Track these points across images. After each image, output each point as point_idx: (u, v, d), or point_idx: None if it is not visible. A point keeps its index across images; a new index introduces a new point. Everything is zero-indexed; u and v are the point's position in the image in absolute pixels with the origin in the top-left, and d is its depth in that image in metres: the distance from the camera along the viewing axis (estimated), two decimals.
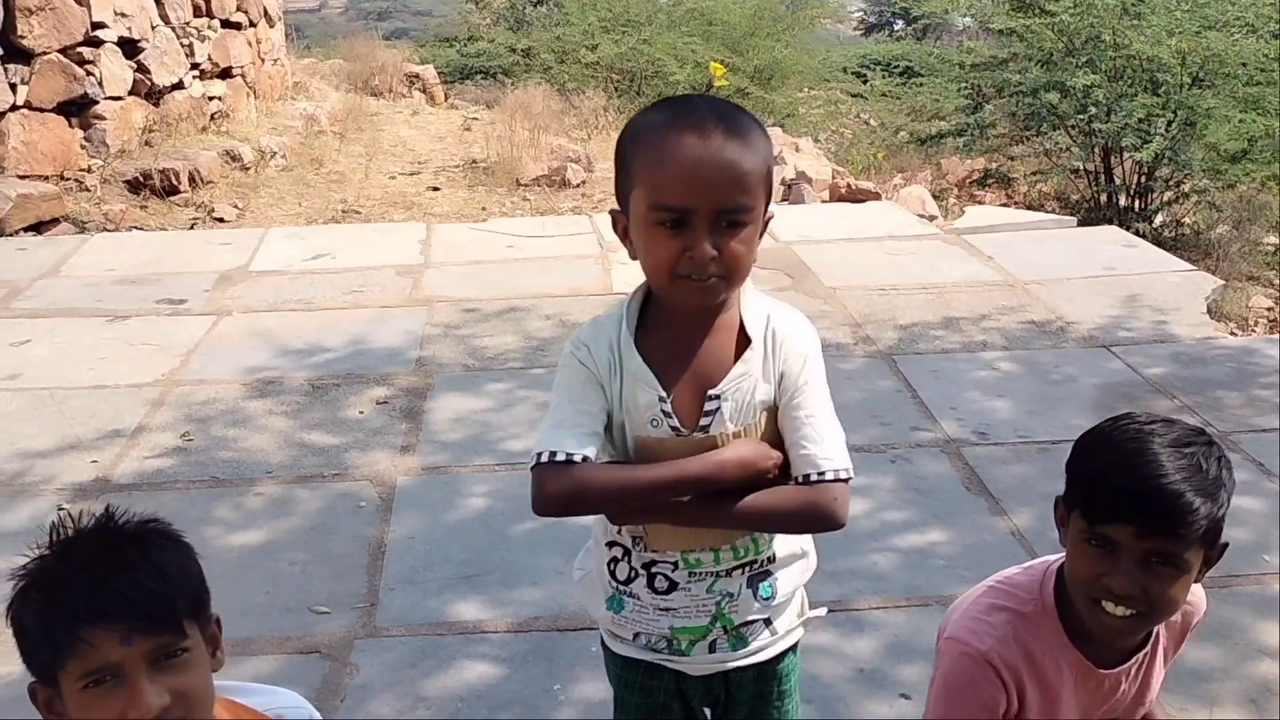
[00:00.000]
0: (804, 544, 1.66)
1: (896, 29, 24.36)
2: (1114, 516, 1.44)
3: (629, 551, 1.59)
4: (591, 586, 1.68)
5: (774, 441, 1.54)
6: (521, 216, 7.07)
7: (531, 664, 2.63)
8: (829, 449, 1.51)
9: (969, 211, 7.38)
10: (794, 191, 7.54)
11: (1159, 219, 7.86)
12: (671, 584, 1.57)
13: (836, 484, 1.50)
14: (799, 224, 6.34)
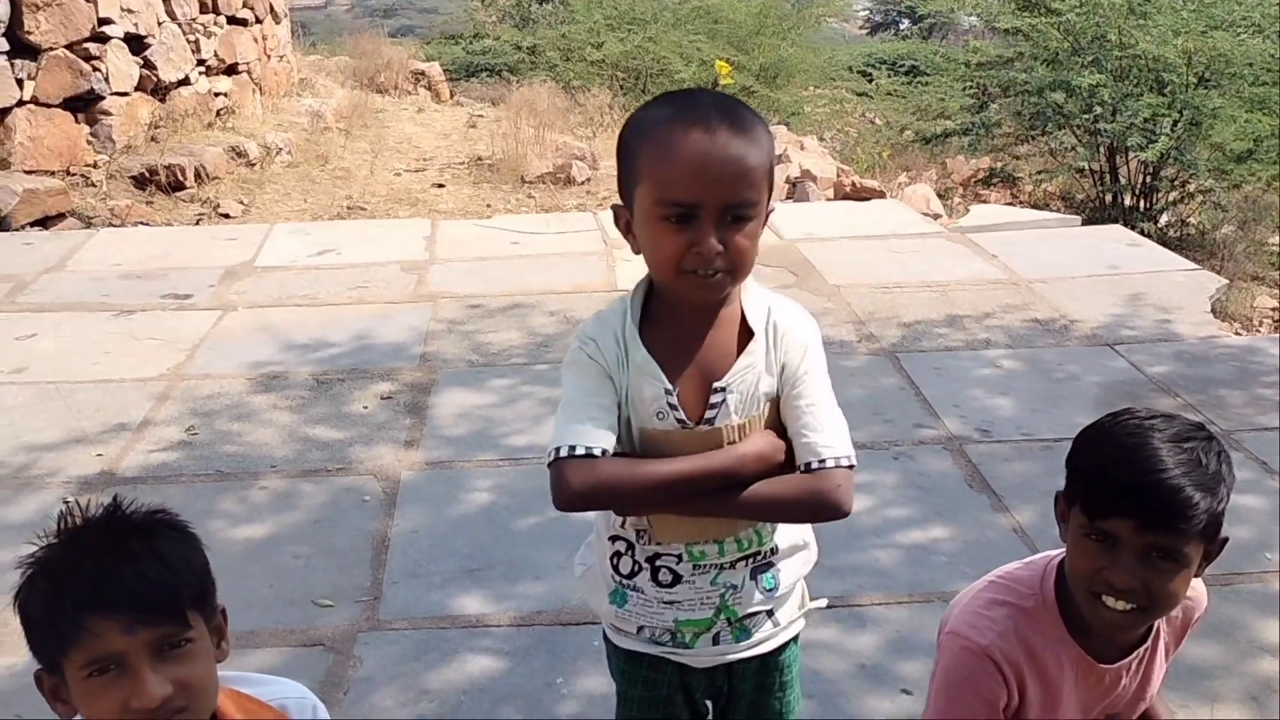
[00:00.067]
0: (805, 535, 1.67)
1: (902, 28, 24.34)
2: (1114, 511, 1.44)
3: (632, 545, 1.59)
4: (593, 581, 1.69)
5: (776, 433, 1.55)
6: (526, 214, 7.07)
7: (534, 657, 2.64)
8: (830, 437, 1.52)
9: (973, 210, 7.38)
10: (798, 189, 7.53)
11: (1164, 219, 7.85)
12: (676, 577, 1.58)
13: (838, 471, 1.50)
14: (803, 222, 6.34)
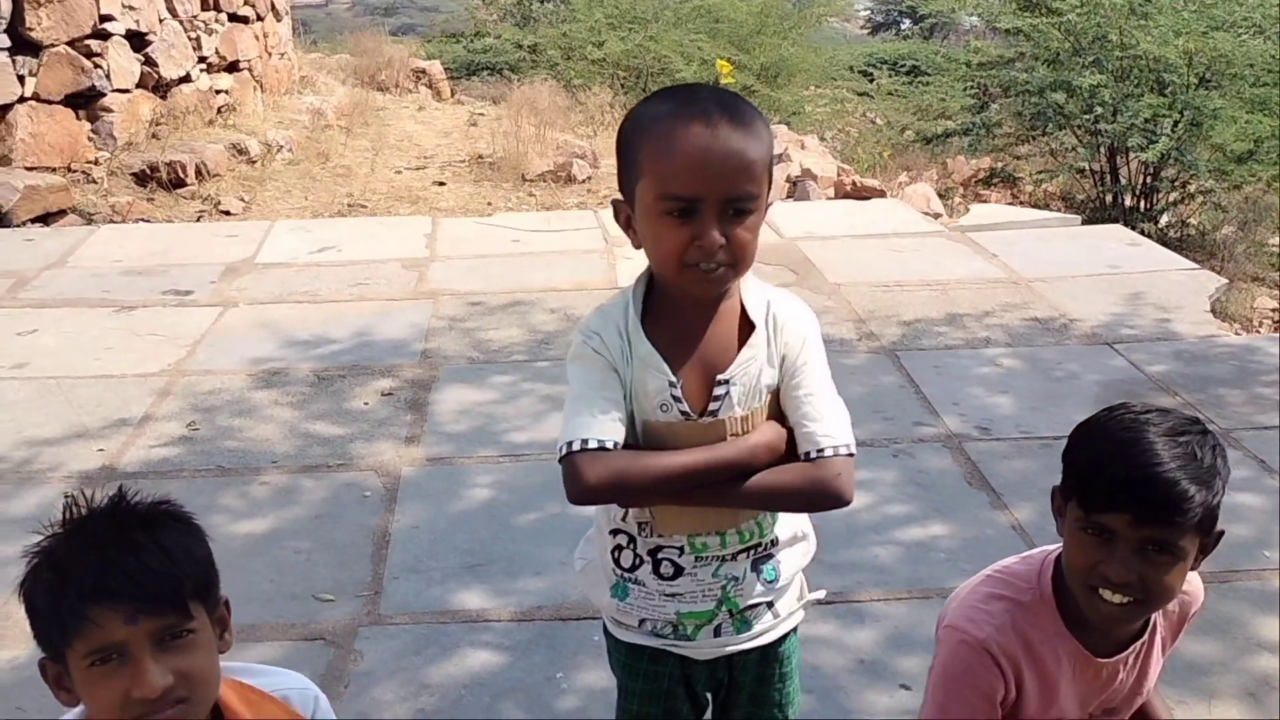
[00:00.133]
0: (804, 526, 1.68)
1: (903, 28, 24.30)
2: (1110, 505, 1.45)
3: (634, 539, 1.60)
4: (594, 575, 1.69)
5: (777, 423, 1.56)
6: (527, 212, 7.08)
7: (534, 652, 2.64)
8: (829, 425, 1.53)
9: (974, 209, 7.38)
10: (799, 188, 7.54)
11: (1164, 219, 7.85)
12: (678, 569, 1.58)
13: (838, 459, 1.51)
14: (804, 220, 6.35)
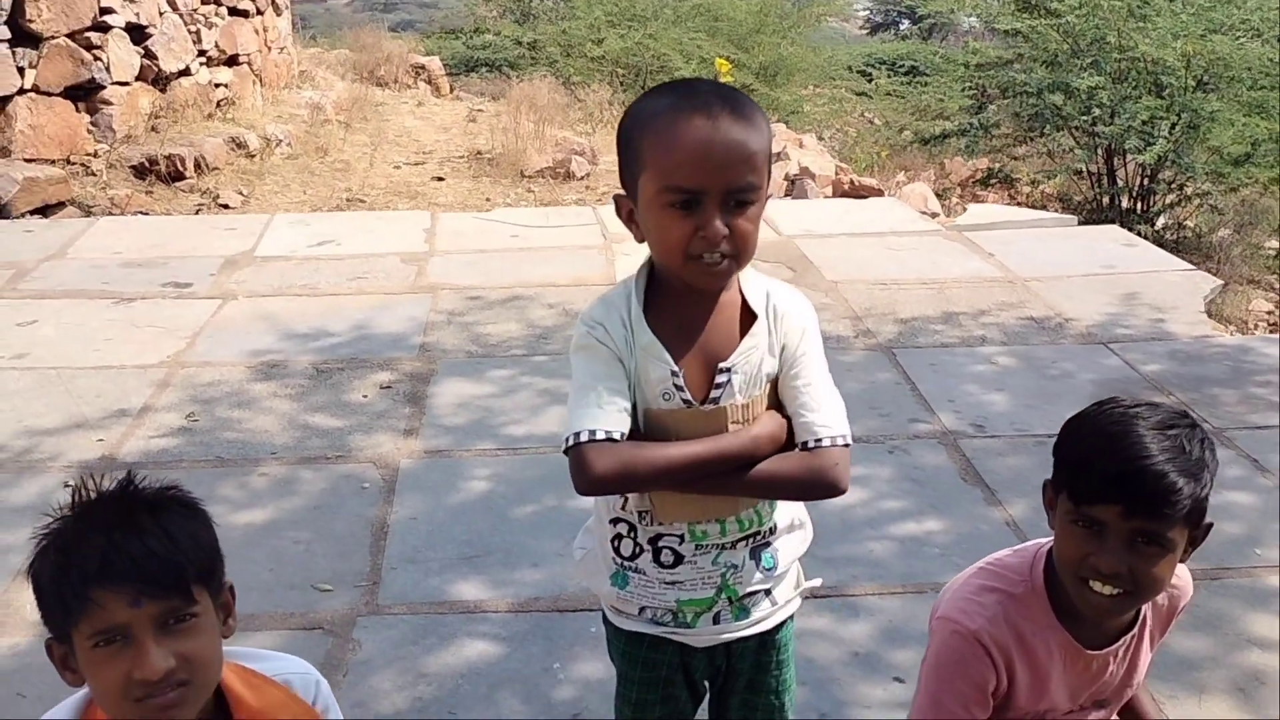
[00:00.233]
0: (801, 515, 1.70)
1: (902, 28, 24.33)
2: (1100, 497, 1.47)
3: (634, 528, 1.61)
4: (594, 564, 1.71)
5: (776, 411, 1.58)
6: (525, 208, 7.09)
7: (531, 643, 2.66)
8: (826, 416, 1.55)
9: (970, 209, 7.41)
10: (797, 186, 7.56)
11: (1161, 221, 7.86)
12: (678, 557, 1.60)
13: (835, 449, 1.54)
14: (802, 218, 6.38)
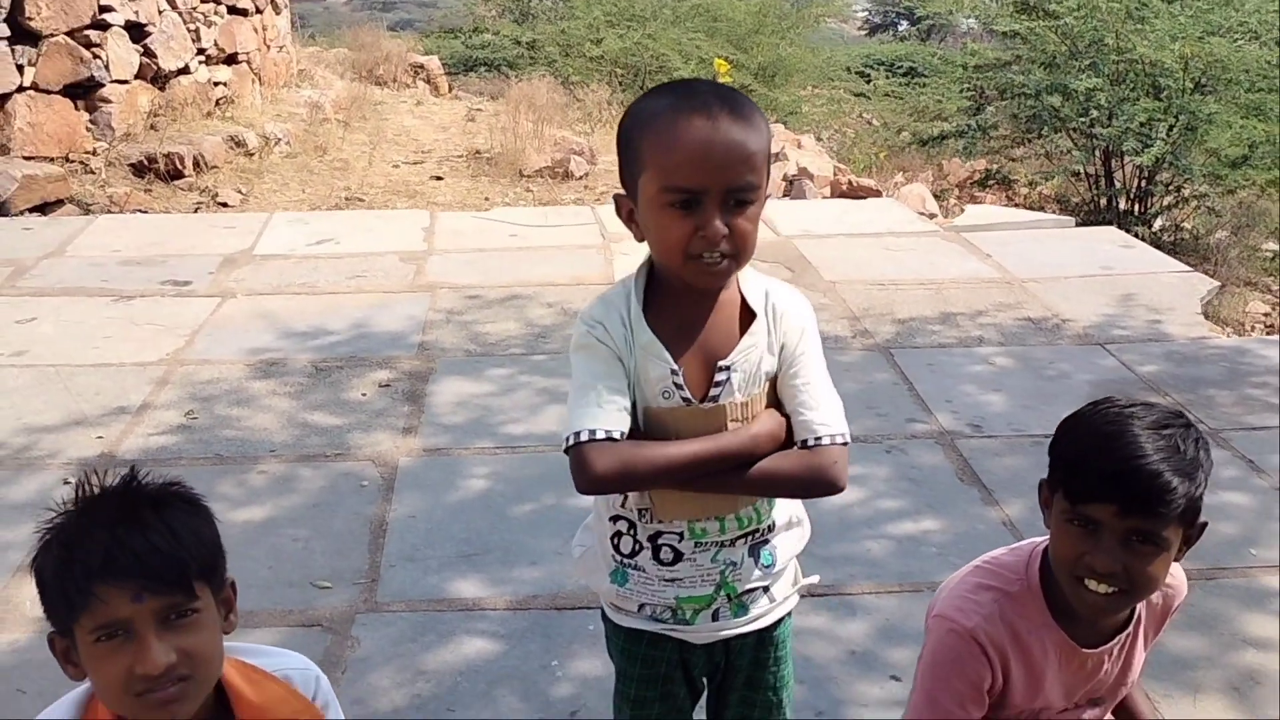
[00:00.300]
0: (799, 512, 1.72)
1: (901, 29, 24.35)
2: (1095, 496, 1.48)
3: (634, 525, 1.62)
4: (593, 562, 1.72)
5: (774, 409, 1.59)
6: (524, 207, 7.10)
7: (530, 640, 2.67)
8: (825, 414, 1.56)
9: (968, 210, 7.41)
10: (795, 187, 7.57)
11: (1158, 223, 7.87)
12: (677, 555, 1.61)
13: (834, 448, 1.55)
14: (800, 219, 6.39)
